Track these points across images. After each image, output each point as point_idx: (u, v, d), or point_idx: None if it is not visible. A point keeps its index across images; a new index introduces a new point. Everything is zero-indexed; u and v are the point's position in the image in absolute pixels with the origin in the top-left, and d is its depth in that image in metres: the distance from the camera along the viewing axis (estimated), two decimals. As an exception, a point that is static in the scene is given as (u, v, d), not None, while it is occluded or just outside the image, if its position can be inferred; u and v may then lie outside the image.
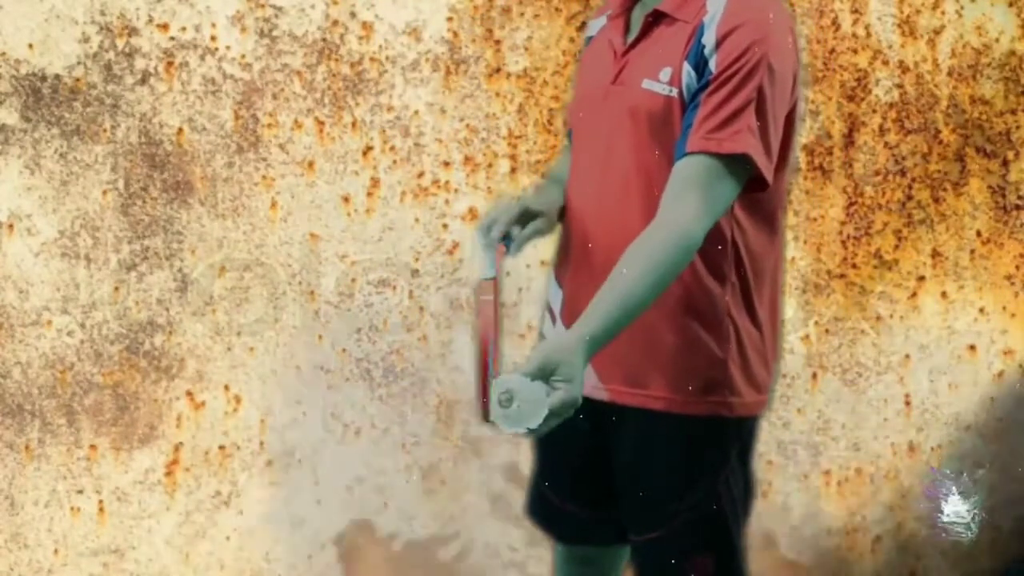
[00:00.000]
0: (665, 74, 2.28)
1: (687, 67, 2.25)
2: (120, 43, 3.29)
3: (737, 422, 2.36)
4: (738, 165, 2.21)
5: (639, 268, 2.13)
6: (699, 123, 2.21)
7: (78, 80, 3.28)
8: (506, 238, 2.40)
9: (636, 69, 2.32)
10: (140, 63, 3.30)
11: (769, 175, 2.25)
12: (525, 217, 2.43)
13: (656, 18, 2.32)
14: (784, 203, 2.41)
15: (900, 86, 3.54)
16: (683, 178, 2.19)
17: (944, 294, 3.60)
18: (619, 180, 2.32)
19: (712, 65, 2.23)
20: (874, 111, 3.54)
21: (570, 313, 2.38)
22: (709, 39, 2.24)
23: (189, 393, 3.37)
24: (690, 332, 2.32)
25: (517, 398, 2.01)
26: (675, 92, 2.26)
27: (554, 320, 2.45)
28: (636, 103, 2.30)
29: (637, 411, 2.36)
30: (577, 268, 2.40)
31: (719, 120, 2.20)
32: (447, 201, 3.41)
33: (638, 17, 2.37)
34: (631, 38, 2.35)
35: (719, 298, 2.32)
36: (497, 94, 3.42)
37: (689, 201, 2.17)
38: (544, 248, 3.36)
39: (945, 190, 3.59)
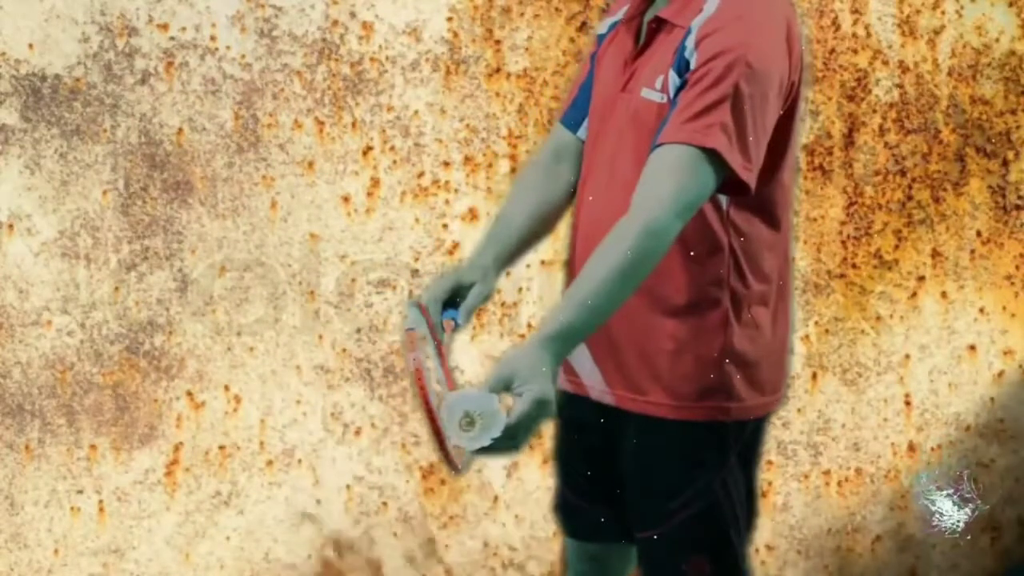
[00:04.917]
0: (659, 82, 2.28)
1: (672, 73, 2.26)
2: (120, 43, 3.29)
3: (737, 425, 2.36)
4: (710, 160, 2.20)
5: (604, 261, 2.13)
6: (672, 118, 2.21)
7: (78, 80, 3.29)
8: (451, 309, 2.37)
9: (640, 78, 2.32)
10: (140, 63, 3.30)
11: (746, 176, 2.23)
12: (460, 291, 2.39)
13: (659, 25, 2.32)
14: (790, 202, 2.41)
15: (900, 86, 3.54)
16: (652, 168, 2.19)
17: (944, 294, 3.60)
18: (620, 187, 2.32)
19: (693, 65, 2.23)
20: (874, 111, 3.54)
21: None
22: (691, 41, 2.24)
23: (189, 393, 3.37)
24: (687, 339, 2.32)
25: (475, 417, 2.01)
26: (666, 99, 2.27)
27: None
28: (636, 112, 2.30)
29: (639, 414, 2.37)
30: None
31: (690, 114, 2.20)
32: (447, 201, 3.42)
33: (646, 24, 2.37)
34: (640, 46, 2.35)
35: (718, 304, 2.32)
36: (497, 94, 3.42)
37: (656, 189, 2.17)
38: (544, 248, 3.37)
39: (945, 190, 3.59)
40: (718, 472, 2.36)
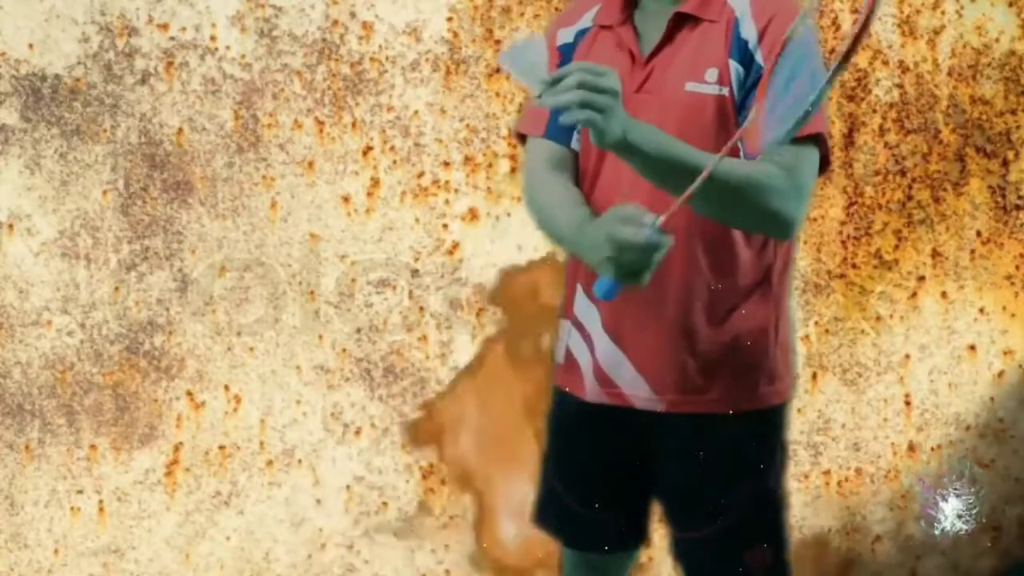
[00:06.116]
0: (712, 74, 2.28)
1: (734, 64, 2.27)
2: (120, 43, 3.29)
3: (781, 407, 2.43)
4: (816, 145, 2.27)
5: (734, 167, 2.15)
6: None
7: (78, 80, 3.29)
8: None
9: (670, 74, 2.31)
10: (140, 63, 3.30)
11: (829, 152, 2.31)
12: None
13: (678, 21, 2.32)
14: None
15: (900, 86, 3.54)
16: (773, 168, 2.22)
17: (944, 294, 3.60)
18: (652, 188, 2.30)
19: (759, 58, 2.25)
20: (874, 111, 3.54)
21: (614, 325, 2.37)
22: (750, 33, 2.26)
23: (189, 393, 3.37)
24: (744, 330, 2.35)
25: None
26: (726, 91, 2.28)
27: (586, 336, 2.41)
28: (677, 108, 2.29)
29: (694, 415, 2.37)
30: None
31: None
32: (447, 201, 3.41)
33: (648, 23, 2.35)
34: (649, 44, 2.34)
35: (769, 291, 2.37)
36: (497, 94, 3.42)
37: (781, 183, 2.21)
38: (544, 247, 3.37)
39: (945, 190, 3.59)
40: (772, 457, 2.39)
